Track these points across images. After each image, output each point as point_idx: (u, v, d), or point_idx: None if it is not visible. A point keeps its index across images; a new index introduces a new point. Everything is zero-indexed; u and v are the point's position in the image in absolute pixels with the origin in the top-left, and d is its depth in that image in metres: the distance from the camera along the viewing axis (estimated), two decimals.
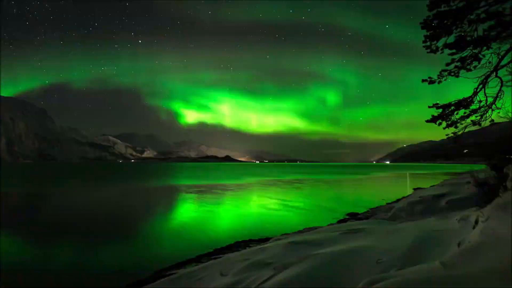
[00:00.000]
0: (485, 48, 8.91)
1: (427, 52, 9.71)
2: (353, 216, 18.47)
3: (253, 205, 24.64)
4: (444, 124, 10.29)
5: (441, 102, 10.28)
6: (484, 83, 9.41)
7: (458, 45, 9.13)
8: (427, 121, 10.58)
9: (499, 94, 9.27)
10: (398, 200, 22.09)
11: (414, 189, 31.89)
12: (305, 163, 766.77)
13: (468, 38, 8.94)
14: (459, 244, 5.57)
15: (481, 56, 9.06)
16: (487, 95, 9.46)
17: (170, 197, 30.61)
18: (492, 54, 8.96)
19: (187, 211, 21.93)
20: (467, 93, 9.82)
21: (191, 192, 34.60)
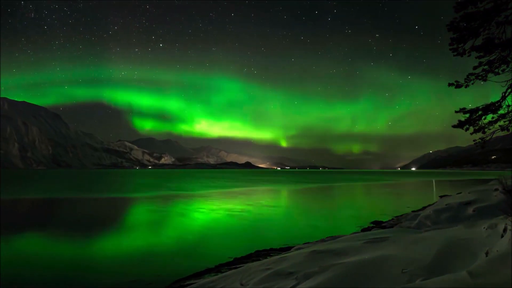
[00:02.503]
0: None
1: (454, 55, 9.77)
2: (377, 224, 18.42)
3: (274, 212, 24.73)
4: (471, 129, 10.31)
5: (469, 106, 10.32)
6: None
7: (485, 48, 9.18)
8: (454, 126, 10.60)
9: None
10: (424, 208, 21.89)
11: (440, 196, 31.50)
12: (327, 170, 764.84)
13: (496, 41, 8.99)
14: (487, 253, 5.59)
15: (509, 59, 9.08)
16: None
17: (188, 205, 30.87)
18: None
19: (206, 219, 22.13)
20: (495, 97, 9.83)
21: (208, 200, 34.93)
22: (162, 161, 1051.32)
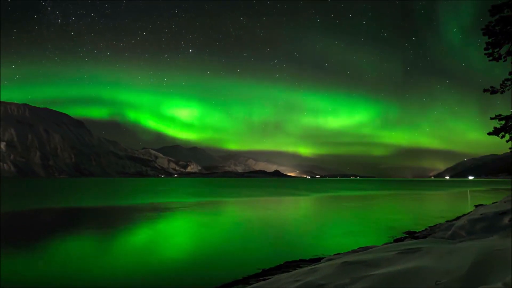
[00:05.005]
0: None
1: (489, 60, 9.79)
2: (410, 234, 18.38)
3: (303, 222, 24.84)
4: (507, 136, 10.28)
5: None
6: None
7: None
8: (489, 133, 10.58)
9: None
10: (458, 218, 21.70)
11: (475, 205, 31.09)
12: (358, 178, 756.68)
13: None
14: None
15: None
16: None
17: (214, 213, 31.29)
18: None
19: (233, 228, 22.41)
20: None
21: (235, 209, 35.34)
22: (188, 169, 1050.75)
